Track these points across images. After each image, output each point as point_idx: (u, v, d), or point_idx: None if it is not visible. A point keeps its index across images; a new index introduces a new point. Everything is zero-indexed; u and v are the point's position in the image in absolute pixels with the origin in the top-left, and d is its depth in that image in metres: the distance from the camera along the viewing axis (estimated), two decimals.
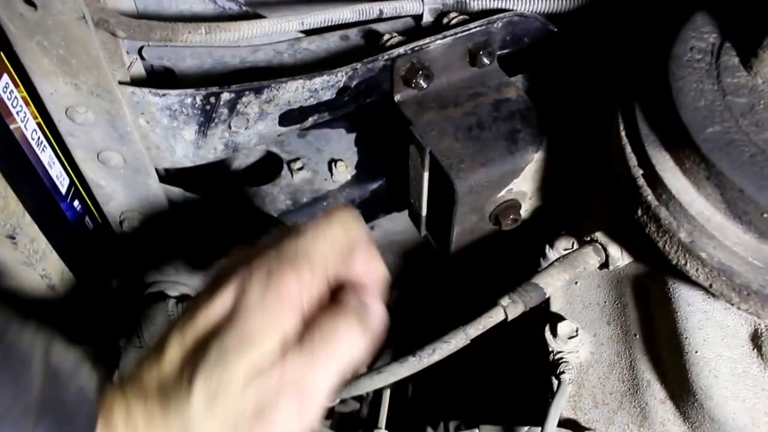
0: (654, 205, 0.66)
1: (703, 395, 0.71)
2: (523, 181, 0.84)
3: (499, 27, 0.86)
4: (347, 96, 0.84)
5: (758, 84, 0.65)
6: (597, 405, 0.83)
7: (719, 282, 0.63)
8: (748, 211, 0.61)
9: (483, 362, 1.09)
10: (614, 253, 0.77)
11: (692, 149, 0.63)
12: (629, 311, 0.82)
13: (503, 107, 0.85)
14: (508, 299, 0.75)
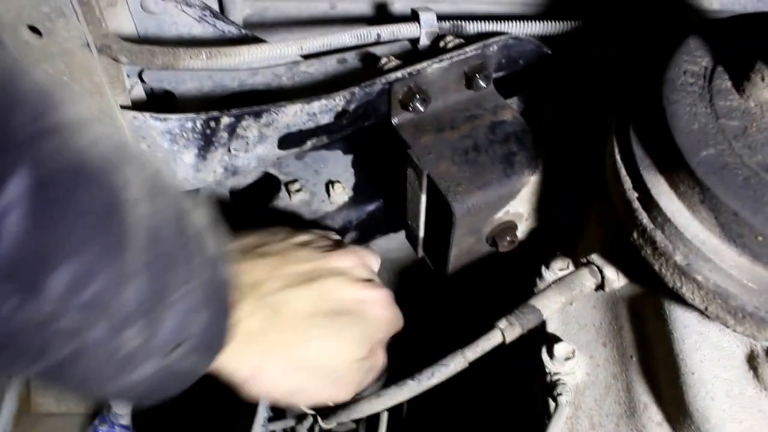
0: (649, 228, 0.67)
1: (699, 417, 0.71)
2: (520, 203, 0.85)
3: (494, 50, 0.87)
4: (345, 119, 0.85)
5: (751, 107, 0.65)
6: (594, 427, 0.83)
7: (715, 305, 0.64)
8: (742, 234, 0.61)
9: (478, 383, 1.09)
10: (610, 275, 0.78)
11: (687, 173, 0.63)
12: (625, 333, 0.82)
13: (499, 130, 0.86)
14: (506, 322, 0.76)
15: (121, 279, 0.46)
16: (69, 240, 0.42)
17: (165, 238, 0.51)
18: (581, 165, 0.87)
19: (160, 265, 0.50)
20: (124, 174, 0.47)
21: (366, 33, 0.87)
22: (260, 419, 0.80)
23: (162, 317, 0.50)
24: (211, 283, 0.56)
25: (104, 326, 0.46)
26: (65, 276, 0.42)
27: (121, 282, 0.46)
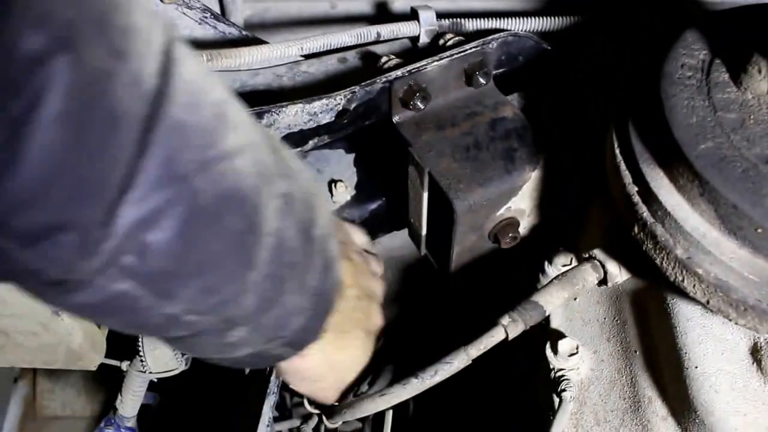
0: (650, 222, 0.67)
1: (704, 411, 0.71)
2: (521, 199, 0.85)
3: (494, 47, 0.87)
4: (346, 119, 0.85)
5: (748, 99, 0.65)
6: (599, 422, 0.83)
7: (716, 298, 0.64)
8: (742, 227, 0.61)
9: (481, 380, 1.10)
10: (612, 269, 0.78)
11: (685, 166, 0.63)
12: (629, 327, 0.82)
13: (499, 126, 0.86)
14: (509, 318, 0.76)
15: (244, 289, 0.52)
16: (207, 258, 0.48)
17: (291, 249, 0.56)
18: (581, 160, 0.87)
19: (280, 275, 0.55)
20: (266, 195, 0.52)
21: (366, 32, 0.87)
22: (265, 419, 0.80)
23: (268, 316, 0.56)
24: (319, 290, 0.62)
25: (219, 324, 0.53)
26: (196, 287, 0.48)
27: (243, 292, 0.52)
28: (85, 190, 0.38)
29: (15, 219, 0.36)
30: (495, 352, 0.78)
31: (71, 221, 0.38)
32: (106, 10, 0.38)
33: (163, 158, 0.41)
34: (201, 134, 0.44)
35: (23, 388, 1.61)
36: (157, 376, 0.95)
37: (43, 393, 1.63)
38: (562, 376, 0.84)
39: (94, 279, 0.42)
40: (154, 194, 0.41)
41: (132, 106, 0.39)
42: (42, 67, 0.33)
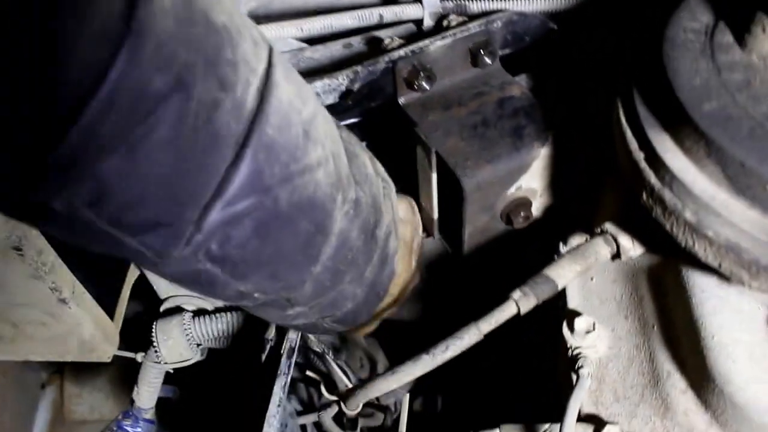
0: (657, 187, 0.66)
1: (722, 380, 0.69)
2: (532, 177, 0.84)
3: (498, 26, 0.87)
4: (351, 100, 0.85)
5: (753, 60, 0.64)
6: (618, 399, 0.81)
7: (728, 260, 0.63)
8: (751, 185, 0.60)
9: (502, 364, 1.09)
10: (625, 242, 0.76)
11: (691, 127, 0.62)
12: (646, 303, 0.81)
13: (507, 105, 0.86)
14: (520, 292, 0.75)
15: (306, 278, 0.60)
16: (277, 254, 0.55)
17: (354, 247, 0.63)
18: (592, 137, 0.86)
19: (342, 267, 0.63)
20: (338, 202, 0.59)
21: (368, 14, 0.87)
22: (276, 399, 0.80)
23: (325, 298, 0.65)
24: (374, 280, 0.69)
25: (282, 301, 0.62)
26: (265, 273, 0.56)
27: (305, 281, 0.60)
28: (184, 197, 0.46)
29: (125, 216, 0.44)
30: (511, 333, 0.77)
31: (170, 220, 0.46)
32: (219, 47, 0.45)
33: (253, 171, 0.48)
34: (288, 151, 0.51)
35: (51, 394, 1.63)
36: (172, 366, 0.95)
37: (71, 398, 1.64)
38: (579, 354, 0.82)
39: (182, 260, 0.50)
40: (241, 201, 0.49)
41: (232, 128, 0.46)
42: (161, 103, 0.41)
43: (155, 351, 0.92)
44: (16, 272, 0.81)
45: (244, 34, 0.48)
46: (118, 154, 0.40)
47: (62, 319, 0.87)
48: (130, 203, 0.44)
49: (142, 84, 0.39)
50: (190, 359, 0.96)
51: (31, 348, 0.93)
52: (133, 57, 0.38)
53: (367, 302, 0.71)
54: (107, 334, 0.93)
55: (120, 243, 0.46)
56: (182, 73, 0.42)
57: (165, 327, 0.94)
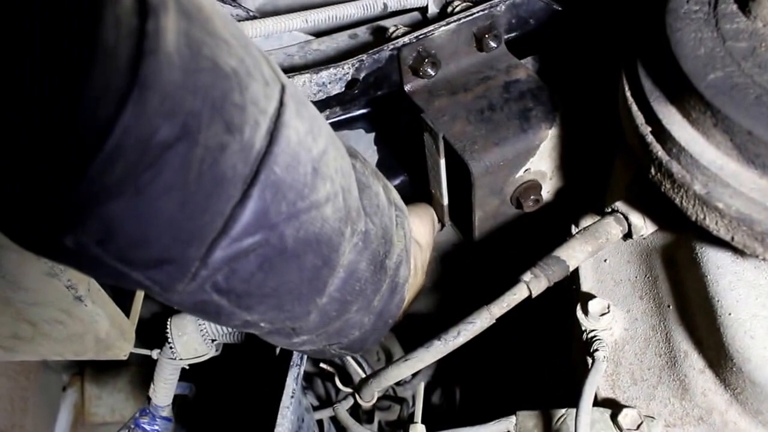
0: (665, 160, 0.65)
1: (740, 358, 0.68)
2: (540, 159, 0.84)
3: (502, 10, 0.86)
4: (357, 89, 0.85)
5: (758, 27, 0.63)
6: (636, 382, 0.80)
7: (740, 233, 0.61)
8: (760, 154, 0.59)
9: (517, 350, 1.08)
10: (636, 221, 0.75)
11: (696, 98, 0.61)
12: (660, 283, 0.79)
13: (513, 88, 0.85)
14: (530, 275, 0.74)
15: (311, 309, 0.60)
16: (283, 287, 0.55)
17: (362, 278, 0.63)
18: (601, 117, 0.85)
19: (349, 298, 0.63)
20: (347, 235, 0.59)
21: (372, 3, 0.87)
22: (289, 391, 0.80)
23: (330, 329, 0.65)
24: (383, 309, 0.69)
25: (287, 330, 0.63)
26: (270, 305, 0.57)
27: (311, 311, 0.60)
28: (189, 236, 0.47)
29: (133, 253, 0.45)
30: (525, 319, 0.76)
31: (175, 257, 0.47)
32: (225, 92, 0.45)
33: (259, 209, 0.49)
34: (296, 189, 0.51)
35: (72, 396, 1.65)
36: (187, 362, 0.96)
37: (91, 399, 1.66)
38: (594, 337, 0.81)
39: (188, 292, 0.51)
40: (247, 238, 0.49)
41: (239, 169, 0.47)
42: (166, 150, 0.42)
43: (170, 347, 0.93)
44: (32, 271, 0.81)
45: (255, 75, 0.48)
46: (125, 197, 0.42)
47: (78, 317, 0.88)
48: (137, 242, 0.45)
49: (148, 134, 0.40)
50: (205, 355, 0.96)
51: (49, 347, 0.93)
52: (138, 110, 0.39)
53: (375, 330, 0.70)
54: (123, 331, 0.94)
55: (127, 277, 0.47)
56: (188, 121, 0.42)
57: (179, 323, 0.94)
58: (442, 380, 1.20)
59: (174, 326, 0.92)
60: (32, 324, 0.88)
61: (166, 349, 0.95)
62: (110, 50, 0.37)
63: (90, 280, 0.87)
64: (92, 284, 0.87)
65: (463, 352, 0.79)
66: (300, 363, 0.82)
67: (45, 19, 0.35)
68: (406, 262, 0.71)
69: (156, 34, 0.40)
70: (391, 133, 1.01)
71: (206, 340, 0.95)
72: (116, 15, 0.38)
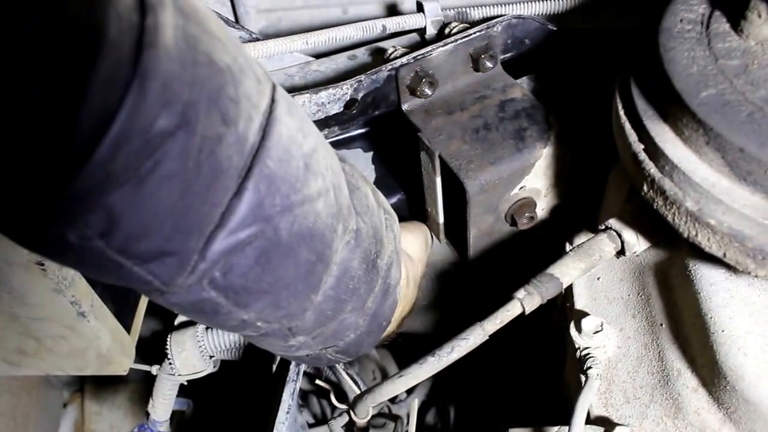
0: (658, 177, 0.65)
1: (733, 376, 0.68)
2: (535, 177, 0.84)
3: (498, 31, 0.88)
4: (355, 109, 0.86)
5: (751, 46, 0.64)
6: (629, 400, 0.80)
7: (732, 249, 0.62)
8: (751, 171, 0.59)
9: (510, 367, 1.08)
10: (629, 238, 0.76)
11: (689, 116, 0.62)
12: (653, 301, 0.80)
13: (509, 107, 0.86)
14: (524, 292, 0.75)
15: (308, 307, 0.61)
16: (279, 282, 0.56)
17: (355, 276, 0.64)
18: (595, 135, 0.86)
19: (343, 297, 0.64)
20: (339, 232, 0.60)
21: (371, 25, 0.89)
22: (285, 406, 0.80)
23: (327, 328, 0.66)
24: (377, 310, 0.70)
25: (284, 331, 0.63)
26: (267, 301, 0.58)
27: (306, 309, 0.61)
28: (189, 227, 0.48)
29: (135, 244, 0.47)
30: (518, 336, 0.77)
31: (175, 249, 0.48)
32: (221, 86, 0.47)
33: (254, 201, 0.50)
34: (289, 182, 0.53)
35: (72, 413, 1.65)
36: (185, 378, 0.96)
37: (91, 416, 1.66)
38: (588, 355, 0.81)
39: (186, 289, 0.52)
40: (244, 230, 0.51)
41: (234, 161, 0.49)
42: (166, 139, 0.43)
43: (170, 363, 0.93)
44: (38, 287, 0.82)
45: (248, 73, 0.51)
46: (127, 187, 0.43)
47: (81, 332, 0.88)
48: (138, 233, 0.46)
49: (148, 122, 0.42)
50: (204, 371, 0.96)
51: (52, 362, 0.94)
52: (139, 98, 0.41)
53: (370, 333, 0.72)
54: (124, 347, 0.94)
55: (129, 272, 0.48)
56: (186, 111, 0.44)
57: (179, 339, 0.95)
58: (437, 399, 1.20)
59: (173, 342, 0.93)
60: (36, 339, 0.89)
61: (166, 365, 0.95)
62: (113, 44, 0.39)
63: (93, 296, 0.88)
64: (95, 300, 0.87)
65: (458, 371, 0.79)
66: (296, 379, 0.82)
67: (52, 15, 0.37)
68: (397, 265, 0.72)
69: (155, 29, 0.42)
70: (389, 152, 1.02)
71: (205, 357, 0.95)
72: (118, 12, 0.40)
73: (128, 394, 1.66)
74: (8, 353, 0.93)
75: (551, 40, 0.91)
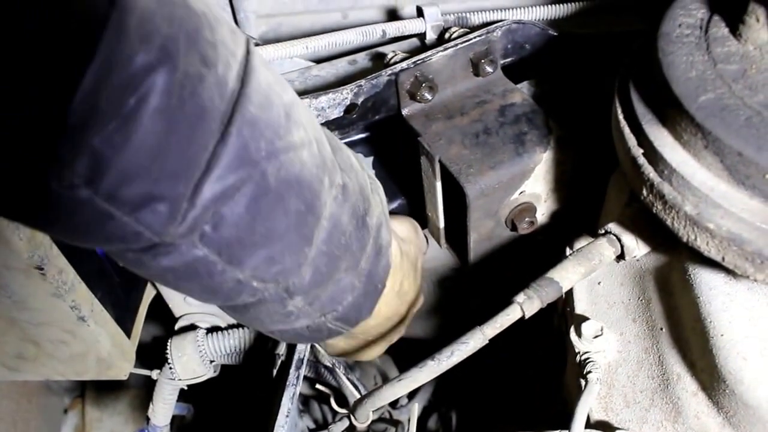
0: (657, 182, 0.66)
1: (733, 380, 0.68)
2: (535, 182, 0.85)
3: (498, 35, 0.88)
4: (356, 113, 0.86)
5: (749, 50, 0.64)
6: (629, 404, 0.80)
7: (731, 253, 0.62)
8: (750, 175, 0.60)
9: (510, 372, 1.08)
10: (629, 242, 0.76)
11: (687, 120, 0.62)
12: (653, 305, 0.80)
13: (509, 112, 0.86)
14: (524, 296, 0.75)
15: (303, 262, 0.61)
16: (271, 232, 0.56)
17: (346, 231, 0.64)
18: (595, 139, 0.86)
19: (336, 252, 0.64)
20: (326, 184, 0.61)
21: (371, 30, 0.89)
22: (284, 410, 0.80)
23: (323, 290, 0.65)
24: (371, 271, 0.70)
25: (280, 291, 0.62)
26: (261, 257, 0.57)
27: (302, 264, 0.61)
28: (176, 170, 0.48)
29: (124, 189, 0.46)
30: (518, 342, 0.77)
31: (165, 193, 0.48)
32: (198, 27, 0.48)
33: (240, 146, 0.50)
34: (272, 128, 0.53)
35: (73, 419, 1.65)
36: (186, 383, 0.96)
37: (92, 422, 1.66)
38: (588, 359, 0.81)
39: (179, 243, 0.51)
40: (231, 174, 0.51)
41: (216, 104, 0.49)
42: (150, 74, 0.44)
43: (170, 368, 0.93)
44: (38, 291, 0.82)
45: (222, 23, 0.52)
46: (113, 126, 0.43)
47: (81, 337, 0.89)
48: (126, 176, 0.45)
49: (129, 56, 0.42)
50: (204, 375, 0.96)
51: (52, 367, 0.94)
52: (118, 33, 0.41)
53: (367, 294, 0.71)
54: (124, 352, 0.94)
55: (118, 225, 0.48)
56: (166, 45, 0.45)
57: (179, 343, 0.95)
58: (438, 404, 1.20)
59: (174, 347, 0.93)
60: (36, 344, 0.89)
61: (166, 370, 0.95)
62: None
63: (93, 300, 0.88)
64: (95, 305, 0.87)
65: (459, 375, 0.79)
66: (296, 383, 0.82)
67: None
68: (386, 227, 0.73)
69: None
70: (389, 156, 1.02)
71: (205, 361, 0.95)
72: None
73: (129, 400, 1.67)
74: (8, 358, 0.93)
75: (551, 45, 0.91)
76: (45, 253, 0.79)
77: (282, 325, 0.68)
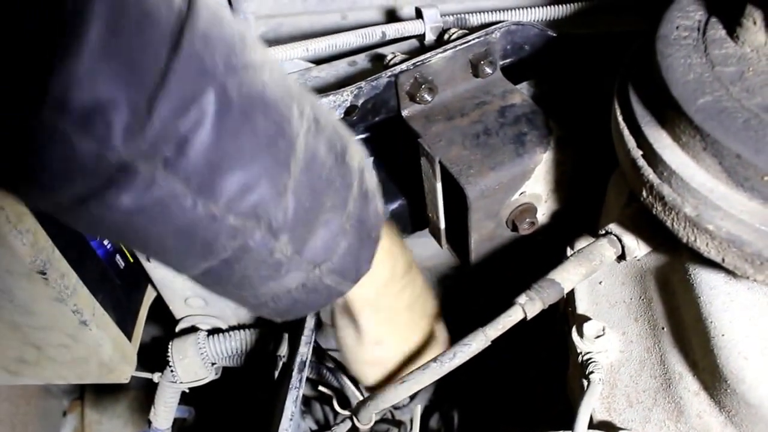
0: (656, 183, 0.66)
1: (734, 379, 0.68)
2: (536, 182, 0.85)
3: (497, 37, 0.88)
4: (356, 115, 0.87)
5: (746, 52, 0.65)
6: (631, 404, 0.81)
7: (731, 254, 0.62)
8: (748, 177, 0.60)
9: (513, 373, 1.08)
10: (629, 243, 0.76)
11: (686, 122, 0.63)
12: (655, 305, 0.80)
13: (509, 113, 0.87)
14: (525, 297, 0.75)
15: (282, 191, 0.56)
16: (242, 153, 0.52)
17: (325, 164, 0.60)
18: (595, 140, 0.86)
19: (318, 185, 0.59)
20: (295, 111, 0.57)
21: (371, 32, 0.89)
22: (288, 413, 0.80)
23: (311, 233, 0.60)
24: (361, 215, 0.65)
25: (262, 230, 0.56)
26: (234, 182, 0.52)
27: (281, 193, 0.56)
28: (127, 72, 0.46)
29: (73, 94, 0.44)
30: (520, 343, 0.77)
31: (117, 99, 0.46)
32: None
33: (193, 58, 0.48)
34: (226, 44, 0.51)
35: (72, 421, 1.65)
36: (187, 385, 0.96)
37: (91, 425, 1.66)
38: (590, 359, 0.82)
39: (141, 171, 0.48)
40: (186, 86, 0.48)
41: (163, 12, 0.47)
42: None
43: (171, 370, 0.93)
44: (40, 296, 0.83)
45: None
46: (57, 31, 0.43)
47: (83, 340, 0.89)
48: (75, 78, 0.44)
49: None
50: (205, 378, 0.97)
51: (53, 371, 0.94)
52: None
53: (361, 242, 0.66)
54: (125, 355, 0.95)
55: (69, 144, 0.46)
56: None
57: (180, 346, 0.95)
58: (440, 405, 1.20)
59: (175, 350, 0.93)
60: (38, 348, 0.89)
61: (167, 373, 0.95)
62: None
63: (95, 304, 0.88)
64: (96, 309, 0.88)
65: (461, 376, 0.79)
66: (299, 386, 0.83)
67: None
68: (369, 171, 0.69)
69: None
70: (390, 158, 1.02)
71: (206, 364, 0.95)
72: None
73: (128, 402, 1.66)
74: (9, 362, 0.93)
75: (550, 45, 0.91)
76: (47, 258, 0.80)
77: (273, 282, 0.62)
